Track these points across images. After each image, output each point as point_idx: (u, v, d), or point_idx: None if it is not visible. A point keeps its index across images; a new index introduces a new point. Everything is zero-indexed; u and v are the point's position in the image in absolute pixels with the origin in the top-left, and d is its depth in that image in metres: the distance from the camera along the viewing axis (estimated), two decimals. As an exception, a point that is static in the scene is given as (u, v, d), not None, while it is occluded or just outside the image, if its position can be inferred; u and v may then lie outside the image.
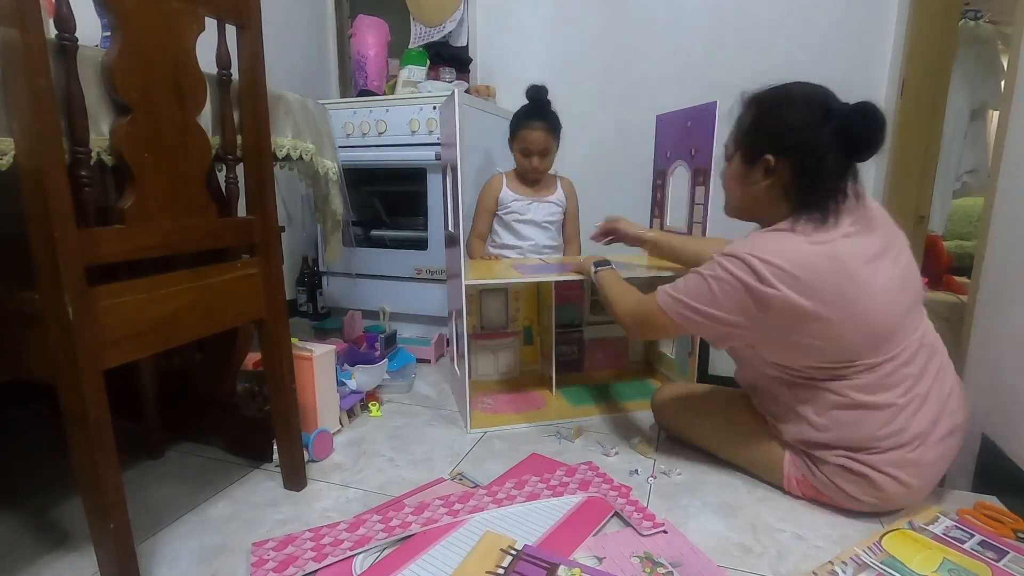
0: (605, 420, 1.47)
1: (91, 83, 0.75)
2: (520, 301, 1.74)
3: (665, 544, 0.96)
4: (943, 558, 0.91)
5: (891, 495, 1.00)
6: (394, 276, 2.08)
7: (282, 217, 1.13)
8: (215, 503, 1.10)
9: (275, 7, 2.15)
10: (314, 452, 1.24)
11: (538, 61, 2.34)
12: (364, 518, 1.02)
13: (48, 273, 0.70)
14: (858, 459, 1.00)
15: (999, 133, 1.25)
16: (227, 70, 0.95)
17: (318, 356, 1.29)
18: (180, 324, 0.89)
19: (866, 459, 1.00)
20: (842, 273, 0.94)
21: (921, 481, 1.01)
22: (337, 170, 1.31)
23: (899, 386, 0.98)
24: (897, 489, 0.99)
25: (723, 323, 1.00)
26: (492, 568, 0.88)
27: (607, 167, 2.30)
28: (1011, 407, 1.13)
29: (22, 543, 0.98)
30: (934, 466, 1.02)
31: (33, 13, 0.64)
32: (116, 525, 0.79)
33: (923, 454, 0.99)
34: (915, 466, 0.99)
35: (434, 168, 1.89)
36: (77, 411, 0.74)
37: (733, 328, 1.00)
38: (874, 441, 0.99)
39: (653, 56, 2.17)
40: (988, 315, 1.23)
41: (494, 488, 1.12)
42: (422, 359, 1.92)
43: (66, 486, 1.14)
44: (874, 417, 0.98)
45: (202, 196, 0.92)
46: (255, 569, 0.89)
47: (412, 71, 2.12)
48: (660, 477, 1.19)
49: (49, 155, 0.68)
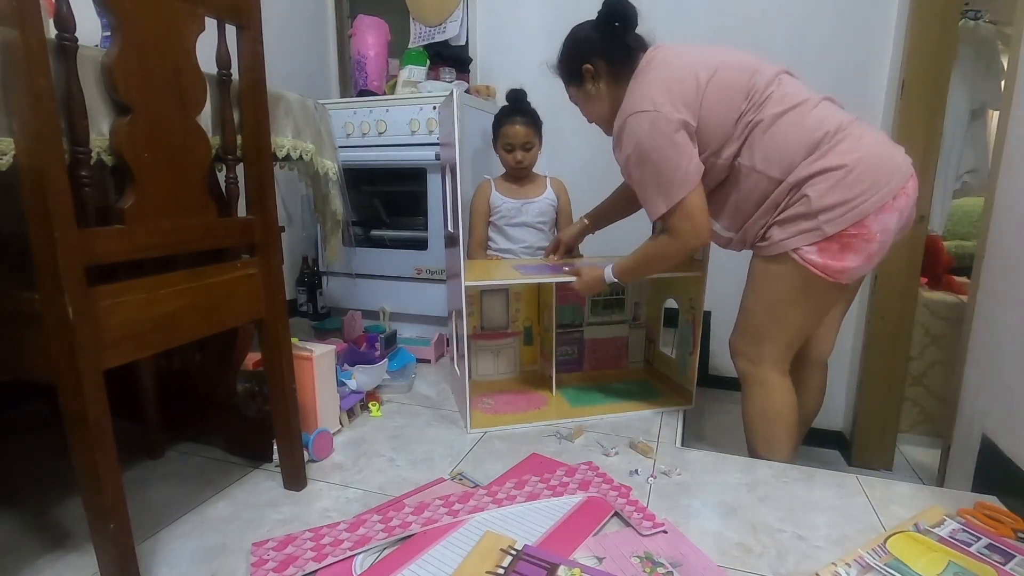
0: (605, 420, 1.47)
1: (91, 83, 0.75)
2: (520, 301, 1.74)
3: (665, 544, 0.96)
4: (949, 561, 0.91)
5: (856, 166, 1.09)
6: (394, 276, 2.08)
7: (282, 217, 1.13)
8: (215, 503, 1.10)
9: (275, 7, 2.15)
10: (314, 452, 1.24)
11: (538, 61, 2.32)
12: (364, 518, 1.02)
13: (48, 273, 0.70)
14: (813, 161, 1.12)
15: (999, 133, 1.25)
16: (227, 70, 0.95)
17: (318, 356, 1.29)
18: (180, 324, 0.89)
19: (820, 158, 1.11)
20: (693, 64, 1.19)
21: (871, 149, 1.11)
22: (337, 170, 1.31)
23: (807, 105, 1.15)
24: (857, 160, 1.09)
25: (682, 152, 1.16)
26: (492, 568, 0.88)
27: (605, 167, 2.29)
28: (1011, 407, 1.13)
29: (22, 543, 0.98)
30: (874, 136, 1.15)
31: (33, 13, 0.64)
32: (116, 525, 0.79)
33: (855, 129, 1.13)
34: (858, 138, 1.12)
35: (434, 168, 1.89)
36: (77, 411, 0.74)
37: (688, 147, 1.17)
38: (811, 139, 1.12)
39: (653, 56, 2.17)
40: (988, 315, 1.23)
41: (494, 488, 1.12)
42: (422, 359, 1.92)
43: (66, 486, 1.14)
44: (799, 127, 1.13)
45: (202, 196, 0.92)
46: (255, 569, 0.89)
47: (412, 71, 2.12)
48: (660, 477, 1.19)
49: (49, 155, 0.68)
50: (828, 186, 1.10)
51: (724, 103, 1.16)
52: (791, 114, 1.14)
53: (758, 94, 1.16)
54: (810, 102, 1.16)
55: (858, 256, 1.12)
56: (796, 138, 1.14)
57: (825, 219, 1.11)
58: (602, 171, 2.28)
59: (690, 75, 1.17)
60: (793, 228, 1.15)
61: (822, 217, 1.11)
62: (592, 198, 2.01)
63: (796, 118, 1.14)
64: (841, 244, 1.12)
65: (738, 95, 1.16)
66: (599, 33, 1.29)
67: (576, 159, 2.27)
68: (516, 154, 1.81)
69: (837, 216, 1.10)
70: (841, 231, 1.10)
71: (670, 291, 1.68)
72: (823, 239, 1.12)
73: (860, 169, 1.09)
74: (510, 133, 1.79)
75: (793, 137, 1.14)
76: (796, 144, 1.13)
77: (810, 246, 1.14)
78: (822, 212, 1.11)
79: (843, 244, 1.12)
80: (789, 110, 1.14)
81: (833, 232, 1.11)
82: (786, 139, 1.14)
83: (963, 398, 1.32)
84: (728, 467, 1.23)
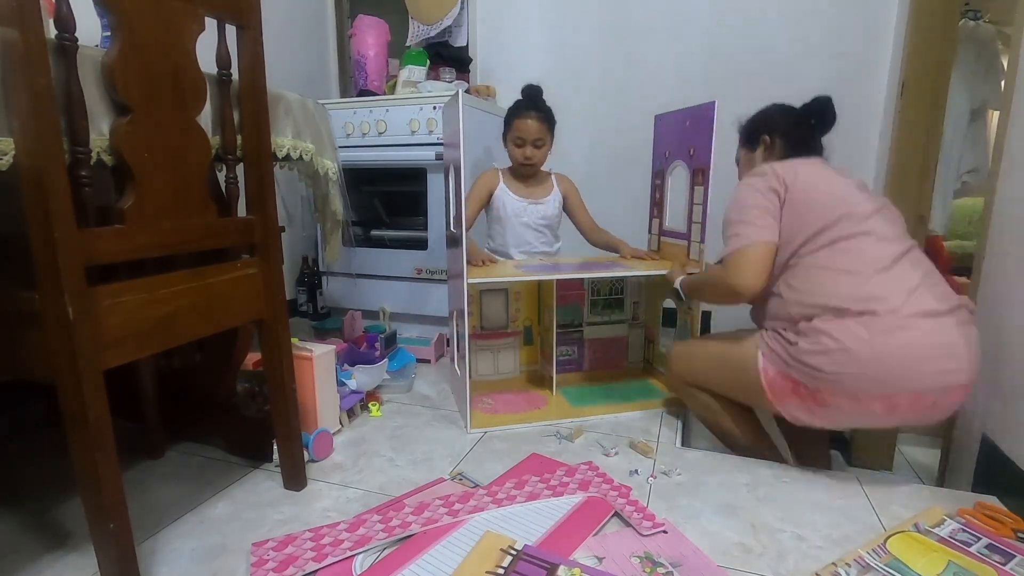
0: (605, 420, 1.47)
1: (91, 83, 0.75)
2: (520, 301, 1.74)
3: (665, 544, 0.96)
4: (948, 561, 0.91)
5: (855, 353, 1.03)
6: (394, 276, 2.08)
7: (282, 217, 1.13)
8: (215, 503, 1.10)
9: (275, 7, 2.15)
10: (314, 452, 1.24)
11: (538, 61, 2.34)
12: (364, 518, 1.02)
13: (48, 273, 0.70)
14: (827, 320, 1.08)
15: (999, 133, 1.25)
16: (227, 70, 0.95)
17: (318, 356, 1.29)
18: (180, 324, 0.89)
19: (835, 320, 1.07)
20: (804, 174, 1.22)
21: (891, 347, 1.03)
22: (337, 170, 1.31)
23: (860, 257, 1.11)
24: (862, 347, 1.03)
25: (767, 212, 1.20)
26: (492, 568, 0.88)
27: (607, 167, 2.30)
28: (1011, 407, 1.13)
29: (22, 543, 0.98)
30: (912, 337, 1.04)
31: (33, 13, 0.64)
32: (116, 525, 0.79)
33: (892, 321, 1.04)
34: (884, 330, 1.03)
35: (434, 168, 1.89)
36: (77, 411, 0.74)
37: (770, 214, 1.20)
38: (838, 299, 1.08)
39: (653, 56, 2.18)
40: (988, 315, 1.23)
41: (494, 488, 1.12)
42: (422, 359, 1.92)
43: (66, 486, 1.14)
44: (841, 278, 1.10)
45: (202, 196, 0.92)
46: (255, 569, 0.89)
47: (412, 71, 2.12)
48: (660, 477, 1.19)
49: (49, 155, 0.68)
50: (817, 350, 1.07)
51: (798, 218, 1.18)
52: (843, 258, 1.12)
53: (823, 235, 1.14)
54: (872, 268, 1.09)
55: (802, 404, 1.13)
56: (831, 287, 1.10)
57: (798, 367, 1.10)
58: (602, 170, 2.29)
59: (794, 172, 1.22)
60: (775, 346, 1.16)
61: (797, 365, 1.10)
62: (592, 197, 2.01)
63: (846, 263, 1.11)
64: (795, 387, 1.12)
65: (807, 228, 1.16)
66: (793, 116, 1.34)
67: (577, 159, 2.27)
68: (526, 149, 1.77)
69: (810, 375, 1.09)
70: (803, 382, 1.11)
71: (667, 291, 1.68)
72: (785, 373, 1.13)
73: (857, 353, 1.04)
74: (523, 127, 1.75)
75: (830, 284, 1.11)
76: (825, 291, 1.10)
77: (772, 365, 1.16)
78: (799, 363, 1.10)
79: (796, 389, 1.12)
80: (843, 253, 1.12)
81: (797, 379, 1.11)
82: (824, 281, 1.12)
83: (963, 398, 1.32)
84: (728, 467, 1.23)
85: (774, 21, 2.02)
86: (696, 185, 1.47)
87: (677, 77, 2.14)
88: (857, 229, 1.13)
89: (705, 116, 1.41)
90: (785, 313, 1.16)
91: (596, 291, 1.77)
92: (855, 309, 1.06)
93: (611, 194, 2.23)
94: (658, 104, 1.72)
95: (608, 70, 2.25)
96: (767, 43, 2.03)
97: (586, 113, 2.28)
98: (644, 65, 2.19)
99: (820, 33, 1.97)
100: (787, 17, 2.00)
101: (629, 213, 1.98)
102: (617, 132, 2.25)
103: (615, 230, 1.85)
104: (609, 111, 2.27)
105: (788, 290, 1.17)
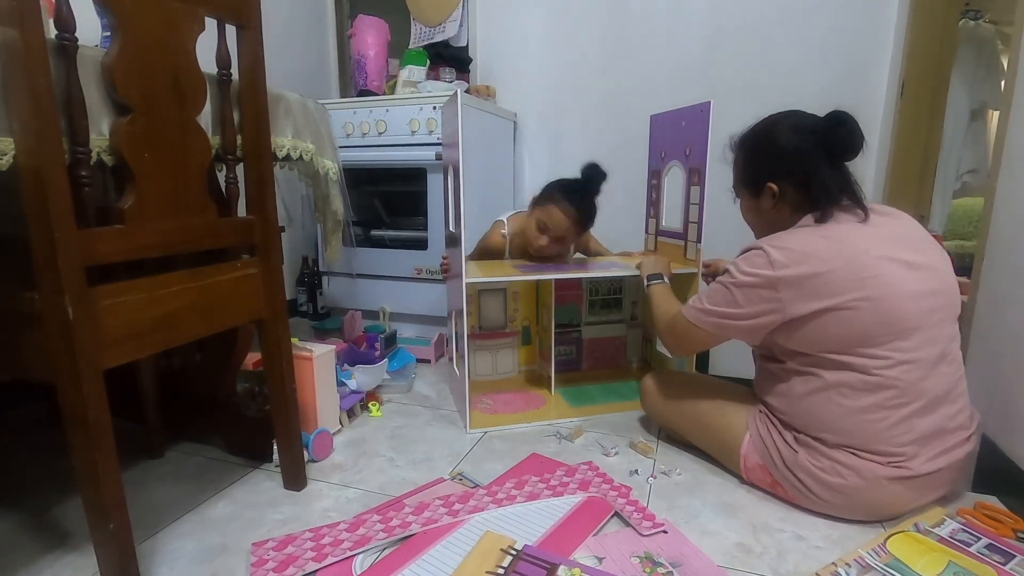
0: (605, 420, 1.47)
1: (91, 83, 0.75)
2: (519, 301, 1.74)
3: (665, 544, 0.96)
4: (949, 561, 0.91)
5: (854, 491, 0.98)
6: (394, 276, 2.08)
7: (282, 217, 1.13)
8: (215, 503, 1.10)
9: (275, 7, 2.15)
10: (314, 452, 1.24)
11: (538, 61, 2.34)
12: (364, 518, 1.02)
13: (48, 273, 0.70)
14: (839, 451, 0.99)
15: (999, 133, 1.25)
16: (227, 70, 0.95)
17: (318, 356, 1.29)
18: (180, 324, 0.89)
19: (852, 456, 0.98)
20: (849, 256, 0.97)
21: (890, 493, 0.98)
22: (337, 170, 1.31)
23: (904, 393, 0.96)
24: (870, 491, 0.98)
25: (751, 318, 1.05)
26: (492, 568, 0.88)
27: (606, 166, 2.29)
28: (1011, 407, 1.13)
29: (22, 543, 0.98)
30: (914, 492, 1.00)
31: (33, 13, 0.64)
32: (116, 525, 0.79)
33: (910, 466, 0.97)
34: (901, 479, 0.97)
35: (434, 168, 1.89)
36: (77, 411, 0.74)
37: (763, 318, 1.04)
38: (863, 439, 0.98)
39: (653, 56, 2.17)
40: (988, 315, 1.23)
41: (494, 488, 1.12)
42: (422, 359, 1.92)
43: (66, 486, 1.14)
44: (871, 416, 0.97)
45: (202, 196, 0.92)
46: (255, 569, 0.89)
47: (412, 71, 2.12)
48: (660, 477, 1.19)
49: (49, 155, 0.68)
50: (822, 477, 1.01)
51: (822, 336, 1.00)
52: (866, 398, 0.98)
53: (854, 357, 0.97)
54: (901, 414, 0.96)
55: (773, 492, 1.11)
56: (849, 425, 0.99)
57: (788, 478, 1.05)
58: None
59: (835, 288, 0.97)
60: (767, 439, 1.09)
61: (789, 475, 1.05)
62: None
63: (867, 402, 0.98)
64: (773, 484, 1.09)
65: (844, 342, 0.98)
66: (806, 154, 1.05)
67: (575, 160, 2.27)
68: (542, 239, 1.54)
69: (798, 489, 1.04)
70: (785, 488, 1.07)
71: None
72: (769, 470, 1.09)
73: (857, 495, 0.99)
74: (554, 216, 1.51)
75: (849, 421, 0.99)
76: (843, 426, 1.00)
77: (756, 455, 1.11)
78: (791, 473, 1.04)
79: (774, 484, 1.09)
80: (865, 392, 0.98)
81: (780, 483, 1.08)
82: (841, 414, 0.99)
83: (963, 398, 1.32)
84: (728, 467, 1.23)
85: (774, 21, 2.01)
86: (692, 185, 1.47)
87: (678, 76, 2.14)
88: (900, 357, 0.96)
89: (701, 116, 1.41)
90: (788, 411, 1.06)
91: (594, 291, 1.77)
92: (876, 454, 0.98)
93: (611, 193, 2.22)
94: (658, 103, 1.72)
95: (608, 70, 2.25)
96: (767, 43, 2.03)
97: (586, 112, 2.28)
98: (645, 64, 2.19)
99: (820, 34, 1.97)
100: (787, 18, 2.00)
101: (627, 212, 1.98)
102: (616, 132, 2.25)
103: (613, 230, 1.85)
104: (608, 111, 2.27)
105: (795, 398, 1.05)
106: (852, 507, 1.01)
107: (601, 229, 1.95)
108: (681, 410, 1.29)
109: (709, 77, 2.08)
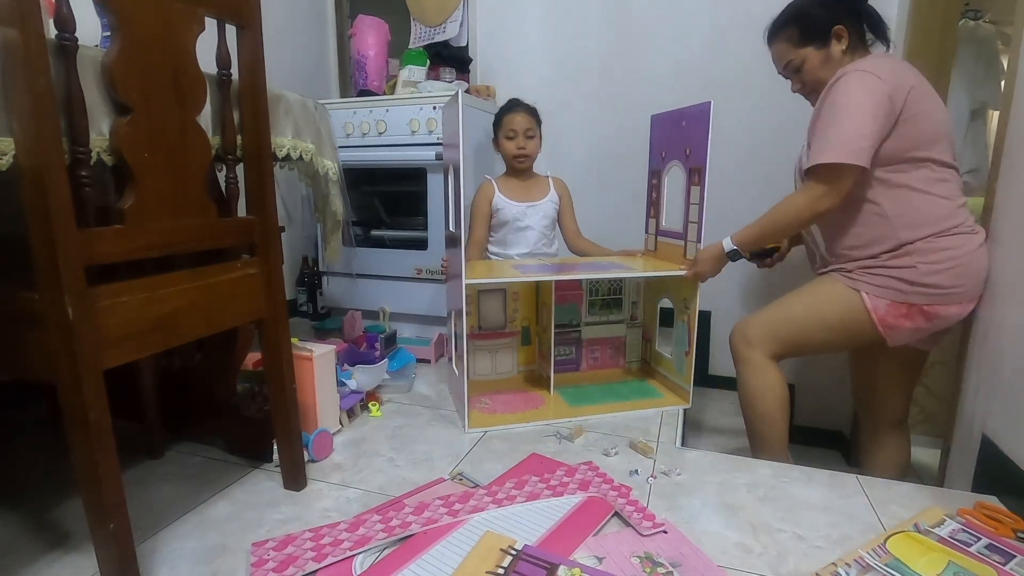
0: (604, 420, 1.47)
1: (91, 83, 0.75)
2: (518, 301, 1.74)
3: (665, 544, 0.96)
4: (949, 561, 0.91)
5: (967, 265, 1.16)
6: (394, 276, 2.08)
7: (282, 217, 1.13)
8: (215, 503, 1.10)
9: (275, 7, 2.15)
10: (314, 452, 1.24)
11: (538, 61, 2.34)
12: (364, 518, 1.02)
13: (48, 273, 0.70)
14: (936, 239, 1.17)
15: (999, 133, 1.25)
16: (227, 70, 0.95)
17: (318, 356, 1.29)
18: (180, 324, 0.89)
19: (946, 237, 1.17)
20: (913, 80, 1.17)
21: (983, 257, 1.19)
22: (337, 170, 1.31)
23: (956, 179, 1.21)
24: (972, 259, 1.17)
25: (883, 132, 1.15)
26: (492, 568, 0.88)
27: (606, 166, 2.30)
28: (1011, 407, 1.13)
29: (22, 543, 0.98)
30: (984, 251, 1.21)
31: (33, 13, 0.64)
32: (116, 525, 0.79)
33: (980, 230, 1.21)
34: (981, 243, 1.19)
35: (434, 168, 1.89)
36: (77, 411, 0.74)
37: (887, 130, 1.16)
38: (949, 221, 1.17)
39: (653, 55, 2.17)
40: (988, 315, 1.23)
41: (494, 488, 1.12)
42: (422, 359, 1.92)
43: (66, 486, 1.14)
44: (949, 200, 1.18)
45: (202, 196, 0.92)
46: (255, 569, 0.89)
47: (412, 71, 2.12)
48: (660, 477, 1.19)
49: (49, 155, 0.68)
50: (938, 269, 1.16)
51: (914, 130, 1.16)
52: (940, 186, 1.19)
53: (935, 150, 1.18)
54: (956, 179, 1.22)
55: (912, 325, 1.21)
56: (932, 210, 1.19)
57: (917, 291, 1.18)
58: (602, 169, 2.29)
59: (910, 84, 1.16)
60: (882, 280, 1.21)
61: (917, 288, 1.18)
62: (591, 196, 2.01)
63: (942, 190, 1.19)
64: (908, 311, 1.19)
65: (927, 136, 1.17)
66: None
67: (575, 158, 2.27)
68: (518, 140, 1.81)
69: (929, 295, 1.16)
70: (919, 304, 1.17)
71: (664, 291, 1.68)
72: (900, 301, 1.18)
73: (968, 266, 1.17)
74: (513, 121, 1.80)
75: (930, 208, 1.19)
76: (929, 215, 1.18)
77: (883, 299, 1.20)
78: (920, 285, 1.17)
79: (909, 312, 1.19)
80: (939, 181, 1.19)
81: (914, 303, 1.17)
82: (924, 205, 1.19)
83: (963, 398, 1.32)
84: (728, 467, 1.23)
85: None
86: (692, 185, 1.47)
87: (677, 76, 2.14)
88: (950, 159, 1.18)
89: (701, 116, 1.41)
90: (893, 238, 1.19)
91: (594, 291, 1.77)
92: (959, 227, 1.18)
93: (610, 193, 2.23)
94: (658, 103, 1.72)
95: (608, 71, 2.25)
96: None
97: (585, 112, 2.28)
98: (645, 64, 2.19)
99: (820, 33, 1.97)
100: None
101: (627, 213, 1.98)
102: (616, 132, 2.25)
103: (613, 230, 1.86)
104: (608, 111, 2.27)
105: (894, 216, 1.19)
106: (974, 282, 1.19)
107: (601, 229, 1.96)
108: (788, 326, 1.32)
109: (709, 76, 2.08)
